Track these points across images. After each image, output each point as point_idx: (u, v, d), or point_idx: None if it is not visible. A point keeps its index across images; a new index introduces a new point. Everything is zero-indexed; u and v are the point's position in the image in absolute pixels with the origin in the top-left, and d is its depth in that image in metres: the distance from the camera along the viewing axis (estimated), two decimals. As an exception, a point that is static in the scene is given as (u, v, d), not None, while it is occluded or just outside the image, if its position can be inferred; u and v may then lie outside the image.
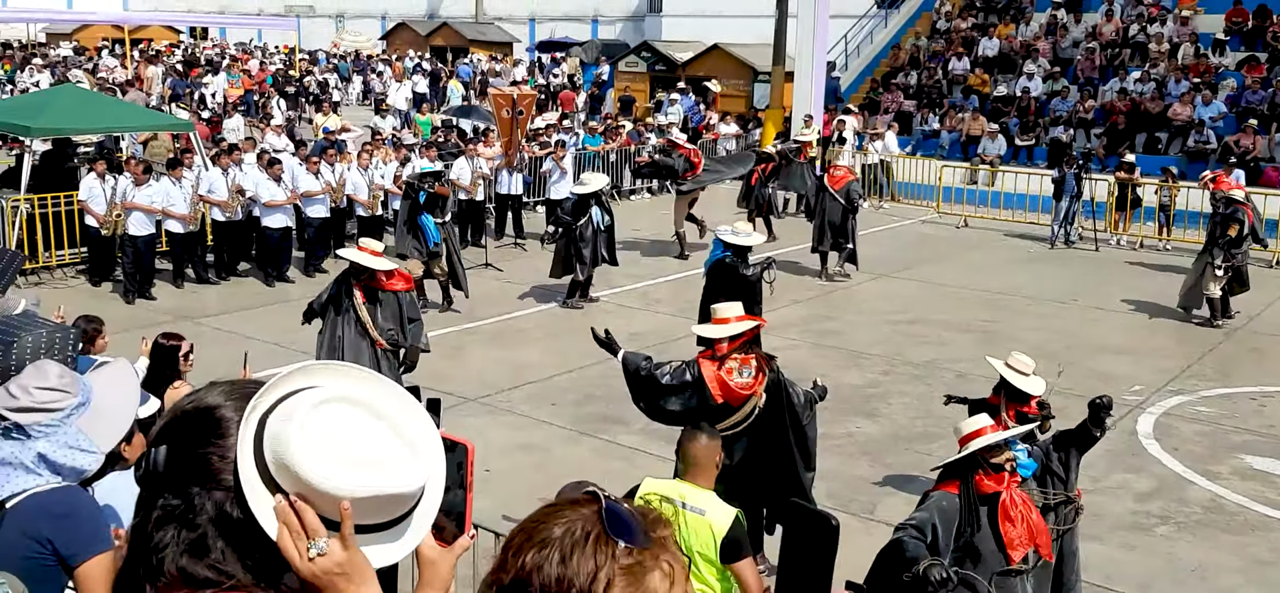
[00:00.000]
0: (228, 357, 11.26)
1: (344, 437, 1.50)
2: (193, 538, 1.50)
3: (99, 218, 13.79)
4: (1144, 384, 11.24)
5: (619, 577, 1.39)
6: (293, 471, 1.48)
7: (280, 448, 1.48)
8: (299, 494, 1.48)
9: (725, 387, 6.64)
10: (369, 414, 1.54)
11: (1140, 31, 25.18)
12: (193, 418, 1.56)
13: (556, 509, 1.48)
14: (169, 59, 34.06)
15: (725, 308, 6.90)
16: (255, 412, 1.53)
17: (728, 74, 28.64)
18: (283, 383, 1.57)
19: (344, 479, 1.48)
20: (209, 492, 1.51)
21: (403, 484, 1.52)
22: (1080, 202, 18.47)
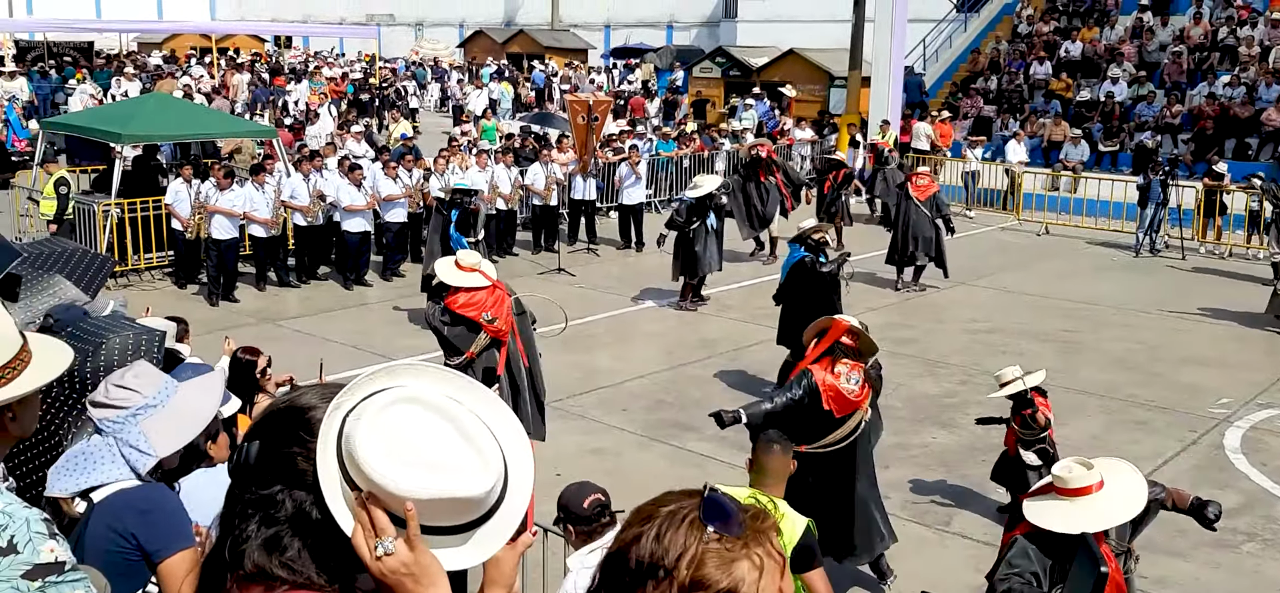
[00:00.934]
0: (306, 359, 11.48)
1: (409, 438, 1.53)
2: (269, 535, 1.55)
3: (184, 222, 14.20)
4: (1232, 397, 10.90)
5: (708, 558, 1.46)
6: (361, 469, 1.51)
7: (351, 447, 1.52)
8: (369, 493, 1.51)
9: (837, 394, 6.55)
10: (440, 417, 1.56)
11: (1230, 34, 24.45)
12: (285, 416, 1.61)
13: (669, 495, 1.56)
14: (258, 67, 34.89)
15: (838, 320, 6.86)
16: (339, 410, 1.57)
17: (803, 79, 28.44)
18: (367, 382, 1.61)
19: (406, 480, 1.50)
20: (291, 491, 1.56)
21: (466, 489, 1.53)
22: (1166, 209, 18.00)
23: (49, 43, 35.28)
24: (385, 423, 1.53)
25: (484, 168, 16.77)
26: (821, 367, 6.59)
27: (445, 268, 8.45)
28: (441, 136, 22.73)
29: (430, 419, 1.55)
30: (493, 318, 8.30)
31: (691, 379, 11.38)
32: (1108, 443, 9.63)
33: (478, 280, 8.34)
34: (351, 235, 14.97)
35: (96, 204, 14.64)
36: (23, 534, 2.29)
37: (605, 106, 18.02)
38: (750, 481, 4.97)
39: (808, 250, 10.56)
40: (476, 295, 8.33)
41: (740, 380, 11.36)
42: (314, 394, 1.63)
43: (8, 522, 2.29)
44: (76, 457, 3.26)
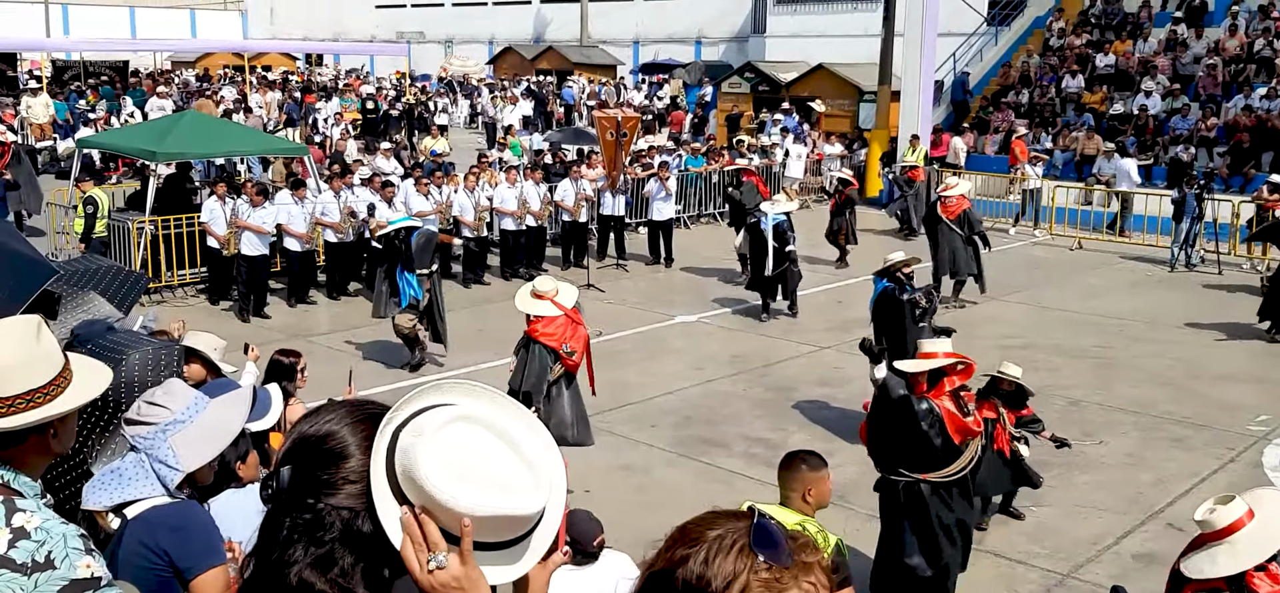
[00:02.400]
0: (336, 374, 11.53)
1: (470, 456, 1.56)
2: (320, 554, 1.58)
3: (220, 239, 14.33)
4: (1270, 414, 10.72)
5: (754, 588, 1.46)
6: (419, 484, 1.54)
7: (408, 462, 1.55)
8: (423, 508, 1.54)
9: (959, 423, 6.50)
10: (496, 436, 1.60)
11: (1266, 45, 24.15)
12: (314, 442, 1.64)
13: (716, 516, 1.57)
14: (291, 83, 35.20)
15: (932, 344, 6.77)
16: (390, 424, 1.61)
17: (832, 94, 28.35)
18: (418, 398, 1.64)
19: (466, 497, 1.53)
20: (337, 509, 1.58)
21: (523, 507, 1.58)
22: (1202, 223, 17.77)
23: (85, 63, 35.79)
24: (445, 440, 1.56)
25: (513, 184, 16.82)
26: (940, 395, 6.51)
27: (522, 297, 8.43)
28: (472, 154, 22.83)
29: (487, 438, 1.59)
30: (572, 350, 8.28)
31: (720, 395, 11.33)
32: (1144, 460, 9.50)
33: (552, 309, 8.27)
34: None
35: (130, 221, 14.80)
36: (60, 550, 2.33)
37: (634, 123, 18.02)
38: (780, 498, 4.92)
39: (892, 283, 10.40)
40: (555, 324, 8.27)
41: (770, 396, 11.30)
42: (336, 418, 1.66)
43: (46, 537, 2.34)
44: (112, 473, 3.29)
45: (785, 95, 28.57)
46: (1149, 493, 8.80)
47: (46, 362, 2.55)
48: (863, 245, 17.93)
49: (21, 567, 2.29)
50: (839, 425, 10.37)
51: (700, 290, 15.88)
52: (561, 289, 8.48)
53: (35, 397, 2.51)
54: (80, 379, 2.64)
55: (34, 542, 2.33)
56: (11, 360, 2.49)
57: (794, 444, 8.32)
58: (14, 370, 2.49)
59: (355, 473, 1.60)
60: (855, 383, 11.44)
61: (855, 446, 9.83)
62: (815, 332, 13.80)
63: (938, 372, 6.52)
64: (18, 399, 2.48)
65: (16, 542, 2.31)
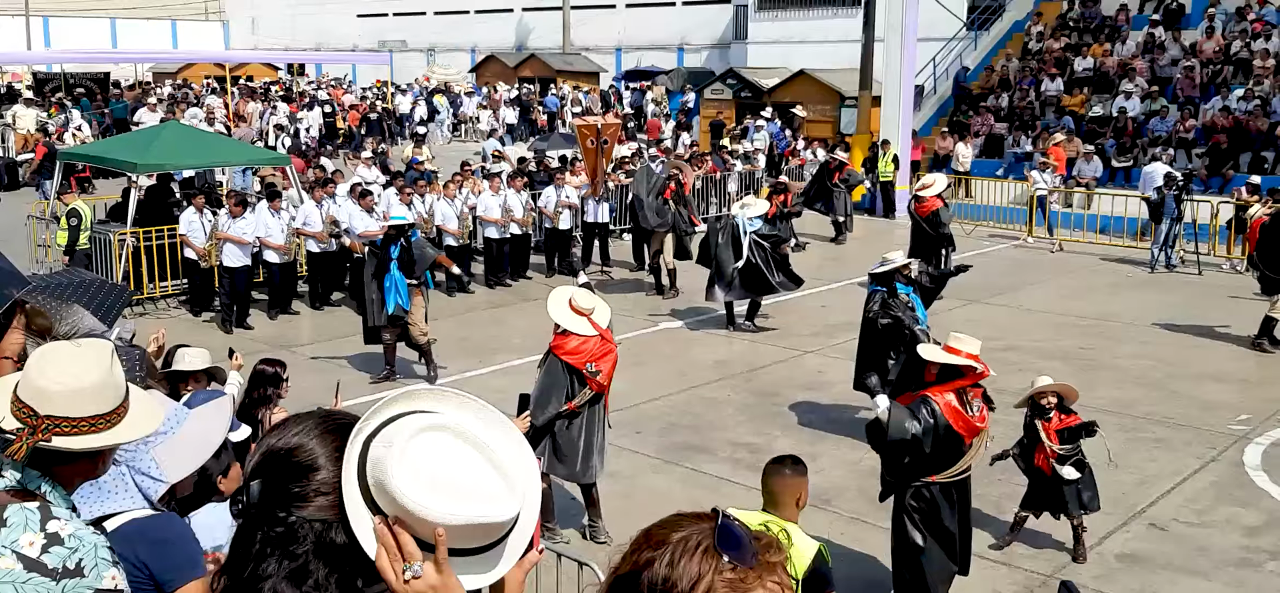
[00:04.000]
0: (321, 385, 11.50)
1: (441, 465, 1.56)
2: (294, 567, 1.57)
3: (198, 251, 14.29)
4: (1251, 413, 10.81)
5: (719, 587, 1.47)
6: (390, 495, 1.54)
7: (380, 473, 1.54)
8: (396, 518, 1.54)
9: (961, 418, 6.44)
10: (468, 443, 1.60)
11: (1243, 48, 24.37)
12: (282, 455, 1.63)
13: (680, 518, 1.56)
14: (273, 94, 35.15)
15: (964, 341, 6.66)
16: (360, 434, 1.60)
17: (814, 99, 28.47)
18: (389, 406, 1.64)
19: (439, 506, 1.53)
20: (309, 521, 1.58)
21: (497, 514, 1.58)
22: (1181, 224, 17.91)
23: (66, 74, 35.63)
24: (416, 450, 1.56)
25: (496, 192, 16.82)
26: (938, 392, 6.46)
27: (558, 306, 7.83)
28: (456, 162, 22.80)
29: (458, 445, 1.59)
30: (597, 370, 7.73)
31: (705, 401, 11.35)
32: (1127, 461, 9.55)
33: (586, 328, 7.73)
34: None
35: (112, 233, 14.74)
36: (91, 559, 2.38)
37: (614, 130, 18.04)
38: (763, 504, 4.94)
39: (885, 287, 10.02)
40: (587, 343, 7.73)
41: (754, 401, 11.33)
42: (304, 431, 1.66)
43: (78, 545, 2.37)
44: (92, 486, 3.27)
45: (767, 101, 28.67)
46: (1132, 493, 8.85)
47: (114, 389, 2.60)
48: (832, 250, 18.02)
49: (52, 572, 2.32)
50: (823, 429, 10.40)
51: (683, 296, 15.91)
52: (598, 307, 7.91)
53: (98, 422, 2.55)
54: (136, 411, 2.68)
55: (66, 549, 2.37)
56: (89, 383, 2.53)
57: (779, 449, 8.35)
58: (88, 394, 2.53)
59: (326, 485, 1.60)
60: (838, 386, 11.49)
61: (839, 449, 9.89)
62: (799, 336, 13.84)
63: (952, 368, 6.48)
64: (82, 422, 2.52)
65: (50, 547, 2.34)
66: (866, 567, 7.58)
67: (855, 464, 9.41)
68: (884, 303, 9.76)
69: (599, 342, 7.78)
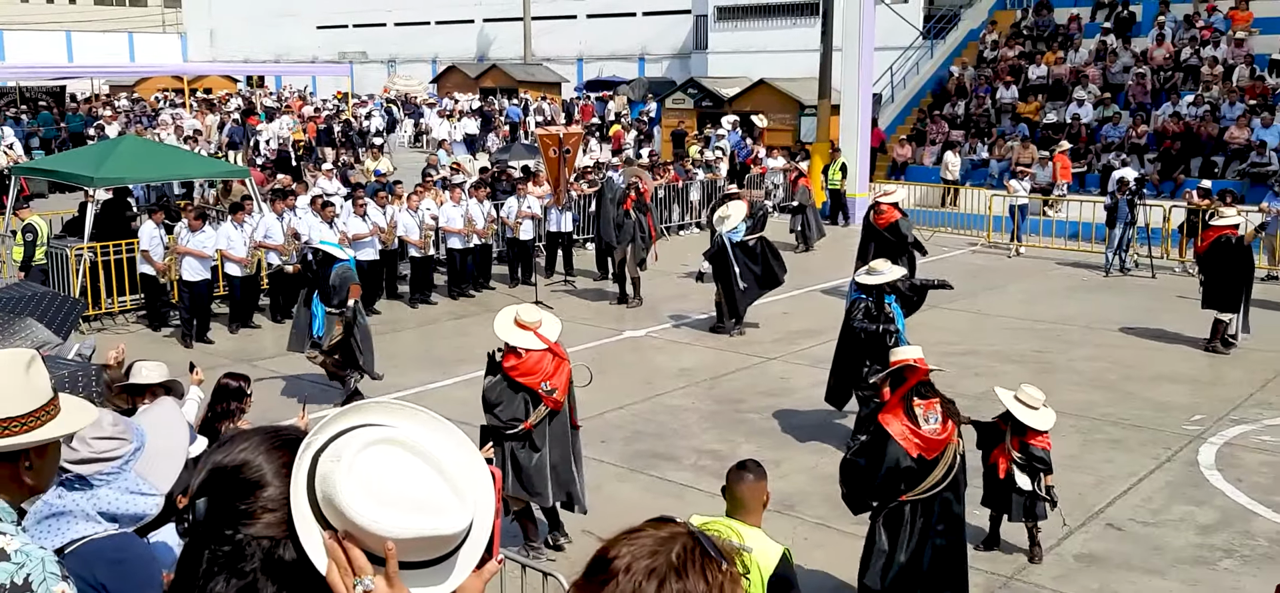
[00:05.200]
0: (283, 399, 11.44)
1: (390, 478, 1.55)
2: (242, 585, 1.56)
3: (158, 265, 14.15)
4: (1205, 414, 11.01)
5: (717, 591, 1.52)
6: (339, 510, 1.53)
7: (328, 488, 1.54)
8: (346, 532, 1.53)
9: (919, 437, 6.38)
10: (418, 456, 1.58)
11: (1193, 54, 24.84)
12: (229, 472, 1.62)
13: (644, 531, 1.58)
14: (225, 107, 34.87)
15: (903, 351, 6.67)
16: (309, 449, 1.59)
17: (774, 108, 28.66)
18: (338, 421, 1.62)
19: (388, 520, 1.52)
20: (257, 539, 1.57)
21: (447, 526, 1.57)
22: (1135, 229, 18.22)
23: (21, 88, 35.14)
24: (365, 464, 1.54)
25: (458, 202, 16.78)
26: (895, 416, 6.42)
27: (505, 325, 7.65)
28: (417, 173, 22.71)
29: (407, 458, 1.57)
30: (552, 388, 7.54)
31: (670, 409, 11.40)
32: (1083, 462, 9.70)
33: (534, 342, 7.54)
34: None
35: (68, 248, 14.56)
36: (38, 574, 2.36)
37: (576, 139, 18.07)
38: (727, 510, 4.98)
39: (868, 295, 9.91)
40: (537, 360, 7.53)
41: (718, 409, 11.39)
42: (251, 447, 1.64)
43: (25, 560, 2.36)
44: (54, 516, 3.22)
45: (728, 110, 28.82)
46: (1089, 494, 8.99)
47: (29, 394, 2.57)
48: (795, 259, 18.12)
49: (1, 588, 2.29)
50: (787, 435, 10.47)
51: (649, 305, 15.95)
52: (546, 320, 7.77)
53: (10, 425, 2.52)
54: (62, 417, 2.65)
55: (14, 564, 2.35)
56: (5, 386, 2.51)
57: (743, 455, 8.38)
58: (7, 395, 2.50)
59: (274, 501, 1.58)
60: (801, 393, 11.59)
61: (802, 456, 9.96)
62: (762, 344, 13.93)
63: (900, 377, 6.49)
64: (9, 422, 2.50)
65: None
66: (830, 571, 7.65)
67: (818, 470, 9.49)
68: (867, 312, 9.70)
69: (550, 358, 7.62)
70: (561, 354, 7.74)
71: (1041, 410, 7.67)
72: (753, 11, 40.01)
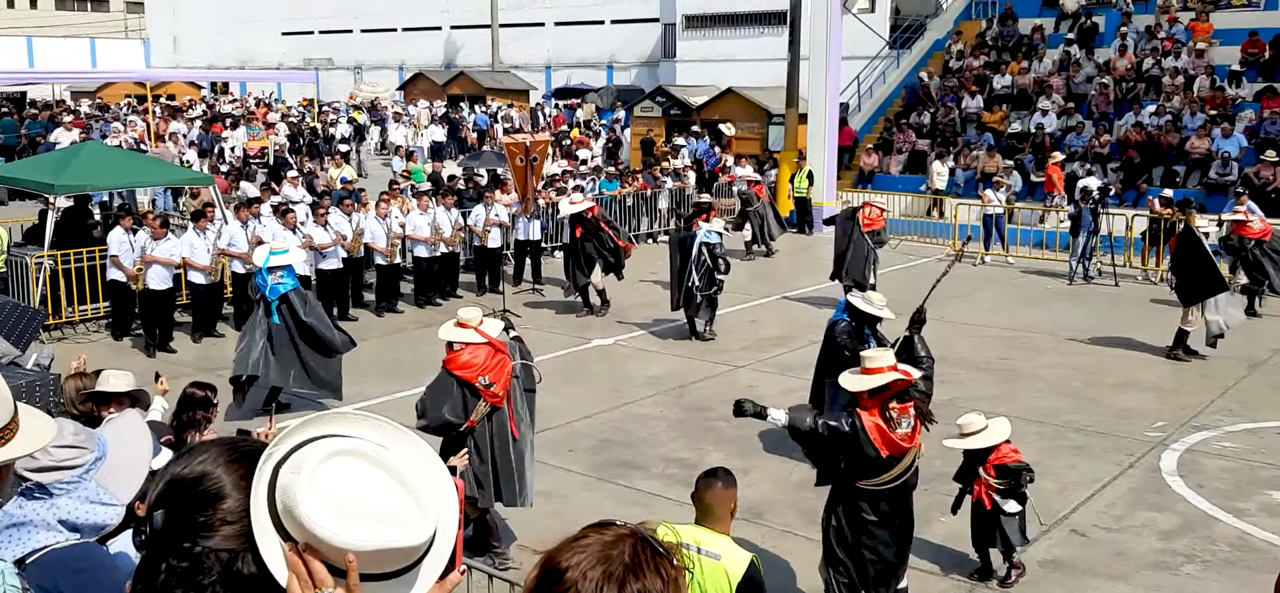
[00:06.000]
0: (247, 409, 11.31)
1: (351, 490, 1.53)
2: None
3: (127, 271, 13.96)
4: (1167, 420, 11.14)
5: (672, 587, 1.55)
6: (299, 522, 1.52)
7: (288, 500, 1.52)
8: (306, 544, 1.52)
9: (887, 438, 6.48)
10: (379, 467, 1.57)
11: (1154, 65, 25.19)
12: (188, 484, 1.60)
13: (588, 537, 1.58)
14: (190, 113, 34.55)
15: (877, 357, 6.67)
16: (270, 461, 1.57)
17: (742, 117, 28.77)
18: (299, 432, 1.61)
19: (349, 533, 1.51)
20: (215, 551, 1.55)
21: (408, 538, 1.55)
22: (1098, 238, 18.42)
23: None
24: (325, 475, 1.53)
25: (425, 210, 16.71)
26: (871, 412, 6.50)
27: (446, 328, 7.94)
28: (383, 181, 22.61)
29: (368, 470, 1.56)
30: (490, 382, 7.69)
31: (638, 417, 11.39)
32: (1048, 469, 9.78)
33: (473, 336, 7.73)
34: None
35: (29, 256, 14.35)
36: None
37: (543, 147, 18.05)
38: (695, 518, 4.98)
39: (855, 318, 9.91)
40: (477, 355, 7.69)
41: (686, 417, 11.39)
42: (210, 458, 1.62)
43: None
44: (14, 527, 3.18)
45: (696, 119, 28.91)
46: (1053, 501, 9.06)
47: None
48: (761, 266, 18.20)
49: None
50: (754, 443, 10.48)
51: (616, 313, 15.95)
52: (486, 321, 8.00)
53: None
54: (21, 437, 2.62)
55: None
56: None
57: (711, 463, 8.39)
58: None
59: (233, 513, 1.57)
60: (770, 400, 11.55)
61: (771, 464, 9.98)
62: (730, 351, 13.96)
63: (883, 387, 6.53)
64: None
65: None
66: (797, 579, 7.67)
67: (787, 478, 9.51)
68: (848, 333, 9.68)
69: (490, 351, 7.73)
70: (502, 350, 7.86)
71: (988, 427, 7.66)
72: (721, 20, 40.15)
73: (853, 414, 6.54)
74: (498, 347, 7.83)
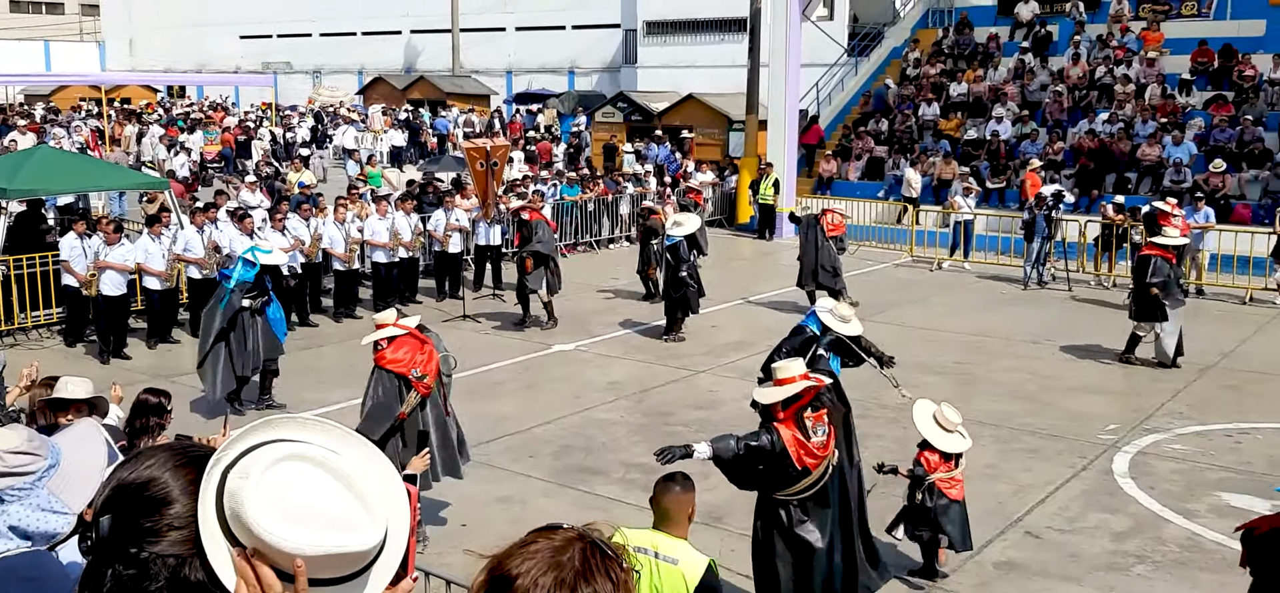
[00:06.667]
0: (204, 414, 11.21)
1: (299, 494, 1.53)
2: None
3: (79, 277, 13.76)
4: (1119, 423, 11.32)
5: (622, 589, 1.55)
6: (247, 527, 1.51)
7: (236, 505, 1.52)
8: (254, 550, 1.51)
9: (804, 448, 6.51)
10: (328, 472, 1.57)
11: (1107, 73, 25.58)
12: (134, 489, 1.58)
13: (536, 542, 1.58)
14: (148, 118, 34.13)
15: (787, 366, 6.71)
16: (219, 465, 1.57)
17: (703, 123, 28.88)
18: (248, 436, 1.60)
19: (296, 537, 1.51)
20: (162, 557, 1.54)
21: (357, 543, 1.55)
22: (1052, 243, 18.69)
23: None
24: (273, 480, 1.53)
25: (384, 216, 16.63)
26: (786, 424, 6.53)
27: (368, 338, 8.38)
28: (342, 185, 22.46)
29: (316, 474, 1.56)
30: (422, 374, 8.05)
31: (598, 423, 11.40)
32: (1002, 472, 9.91)
33: (394, 331, 8.10)
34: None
35: (-22, 262, 14.12)
36: None
37: (503, 152, 18.02)
38: (653, 522, 5.01)
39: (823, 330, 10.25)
40: (402, 348, 8.03)
41: (647, 422, 11.42)
42: (157, 463, 1.62)
43: None
44: None
45: (657, 124, 28.99)
46: (1008, 503, 9.18)
47: None
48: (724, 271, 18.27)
49: None
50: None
51: (577, 318, 15.95)
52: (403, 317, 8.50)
53: None
54: None
55: None
56: None
57: (670, 468, 8.42)
58: None
59: (180, 519, 1.56)
60: (729, 405, 11.66)
61: (730, 468, 10.02)
62: (691, 356, 14.01)
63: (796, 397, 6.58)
64: None
65: None
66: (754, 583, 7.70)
67: (745, 482, 9.55)
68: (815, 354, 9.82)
69: (416, 345, 8.12)
70: (427, 342, 8.23)
71: (953, 434, 7.75)
72: (681, 27, 40.29)
73: (772, 429, 6.54)
74: (422, 339, 8.22)
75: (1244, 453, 10.48)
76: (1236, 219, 19.84)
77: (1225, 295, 17.87)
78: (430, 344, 8.24)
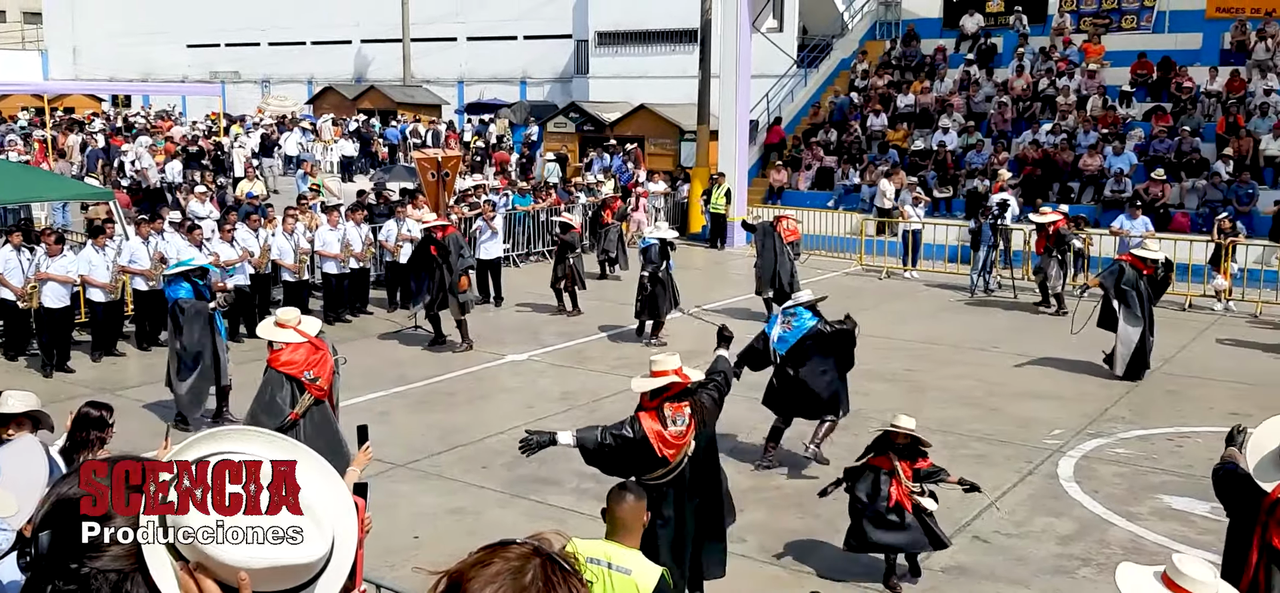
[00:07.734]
0: (149, 428, 11.04)
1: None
2: None
3: (16, 291, 13.50)
4: (1064, 428, 11.52)
5: None
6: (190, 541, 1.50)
7: (179, 518, 1.51)
8: (198, 564, 1.51)
9: (663, 439, 6.76)
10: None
11: (1049, 85, 26.03)
12: (75, 504, 1.56)
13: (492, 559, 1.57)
14: (90, 127, 33.56)
15: (662, 360, 6.96)
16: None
17: (655, 133, 28.97)
18: (192, 449, 1.60)
19: (239, 551, 1.50)
20: (103, 572, 1.52)
21: (302, 555, 1.55)
22: (998, 251, 18.98)
23: None
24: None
25: (335, 226, 16.50)
26: (650, 415, 6.79)
27: (266, 327, 8.73)
28: (291, 196, 22.23)
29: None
30: (315, 376, 8.37)
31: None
32: (951, 477, 10.03)
33: (293, 336, 8.47)
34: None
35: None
36: None
37: (455, 162, 17.97)
38: (606, 532, 5.03)
39: (819, 316, 10.48)
40: (298, 352, 8.43)
41: (599, 432, 11.42)
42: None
43: None
44: None
45: (609, 135, 29.03)
46: (955, 508, 9.29)
47: None
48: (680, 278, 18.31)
49: None
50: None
51: (530, 328, 15.93)
52: (305, 320, 8.73)
53: None
54: None
55: None
56: None
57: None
58: None
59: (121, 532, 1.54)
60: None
61: (682, 476, 10.06)
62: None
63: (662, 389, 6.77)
64: None
65: None
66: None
67: (698, 490, 9.59)
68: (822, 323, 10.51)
69: (310, 348, 8.44)
70: (321, 347, 8.54)
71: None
72: (633, 38, 40.36)
73: (635, 420, 6.83)
74: (317, 344, 8.53)
75: (1185, 456, 10.71)
76: (1176, 228, 20.26)
77: (1166, 302, 18.19)
78: (325, 350, 8.58)
